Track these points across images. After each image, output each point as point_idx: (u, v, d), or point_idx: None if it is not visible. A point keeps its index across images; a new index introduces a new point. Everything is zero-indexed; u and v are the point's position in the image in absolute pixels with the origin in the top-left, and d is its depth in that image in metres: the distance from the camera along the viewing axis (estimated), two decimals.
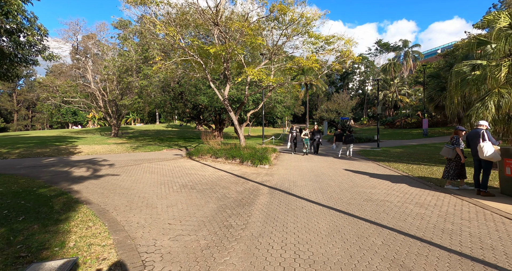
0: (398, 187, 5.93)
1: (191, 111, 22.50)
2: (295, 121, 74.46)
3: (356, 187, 6.03)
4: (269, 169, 8.93)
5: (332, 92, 64.23)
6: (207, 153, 11.38)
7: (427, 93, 14.62)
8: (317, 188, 5.97)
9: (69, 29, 19.98)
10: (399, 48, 46.02)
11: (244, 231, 3.45)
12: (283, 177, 7.43)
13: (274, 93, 20.82)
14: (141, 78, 17.39)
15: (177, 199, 5.05)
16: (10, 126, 63.58)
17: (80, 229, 3.36)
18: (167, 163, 10.23)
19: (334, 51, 10.00)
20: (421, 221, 3.76)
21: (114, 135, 26.61)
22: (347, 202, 4.80)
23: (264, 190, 5.83)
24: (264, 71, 10.16)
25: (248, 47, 14.32)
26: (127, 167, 9.32)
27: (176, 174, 7.88)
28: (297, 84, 11.65)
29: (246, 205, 4.68)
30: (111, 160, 11.14)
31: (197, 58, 10.52)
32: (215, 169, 8.91)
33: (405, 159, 10.73)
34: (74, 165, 9.79)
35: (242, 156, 10.05)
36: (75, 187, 6.03)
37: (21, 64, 10.85)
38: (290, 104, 27.80)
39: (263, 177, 7.35)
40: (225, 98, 11.14)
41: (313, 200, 4.97)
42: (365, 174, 7.76)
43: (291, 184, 6.42)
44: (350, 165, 9.51)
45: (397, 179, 6.86)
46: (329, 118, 38.03)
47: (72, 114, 58.83)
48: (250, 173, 8.03)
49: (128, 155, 13.30)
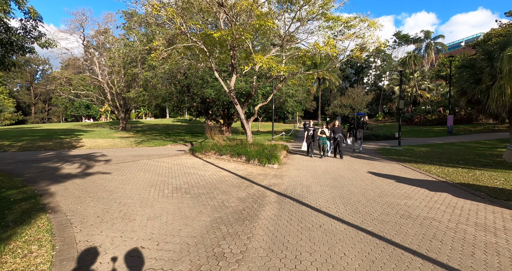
0: (440, 198, 4.74)
1: (199, 105, 21.67)
2: (306, 117, 72.60)
3: (385, 195, 4.89)
4: (278, 169, 7.89)
5: (346, 87, 61.82)
6: (211, 150, 10.47)
7: (459, 86, 12.96)
8: (336, 196, 4.88)
9: (76, 20, 19.52)
10: (420, 40, 43.09)
11: (239, 266, 2.45)
12: (294, 179, 6.37)
13: (285, 86, 19.58)
14: (146, 70, 16.63)
15: (163, 208, 4.12)
16: (28, 119, 65.62)
17: (14, 257, 2.47)
18: (167, 160, 9.39)
19: (355, 36, 8.68)
20: (498, 258, 2.62)
21: (122, 129, 26.32)
22: (379, 219, 3.69)
23: (271, 197, 4.80)
24: (274, 59, 9.02)
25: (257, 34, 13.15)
26: (123, 163, 8.56)
27: (173, 173, 6.99)
28: (311, 74, 10.39)
29: (247, 219, 3.68)
30: (110, 155, 10.45)
31: (200, 45, 9.50)
32: (218, 167, 7.97)
33: (435, 160, 9.36)
34: (69, 160, 9.14)
35: (248, 154, 9.06)
36: (53, 188, 5.24)
37: (17, 53, 10.26)
38: (302, 99, 26.45)
39: (271, 180, 6.33)
40: (231, 90, 10.11)
41: (333, 214, 3.90)
42: (391, 177, 6.57)
43: (304, 190, 5.36)
44: (371, 166, 8.30)
45: (434, 186, 5.64)
46: (343, 114, 36.28)
47: (85, 108, 59.86)
48: (256, 174, 7.02)
49: (130, 150, 12.63)
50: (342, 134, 10.17)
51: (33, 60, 65.85)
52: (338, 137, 10.07)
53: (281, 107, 24.54)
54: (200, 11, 9.82)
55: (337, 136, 10.07)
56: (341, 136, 10.10)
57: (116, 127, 29.30)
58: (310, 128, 10.60)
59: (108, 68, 19.95)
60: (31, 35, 9.85)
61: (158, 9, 7.54)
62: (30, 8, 8.53)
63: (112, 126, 31.94)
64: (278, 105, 23.87)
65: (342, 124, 41.92)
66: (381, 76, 60.61)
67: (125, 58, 16.69)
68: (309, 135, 10.56)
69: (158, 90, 16.83)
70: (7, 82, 63.31)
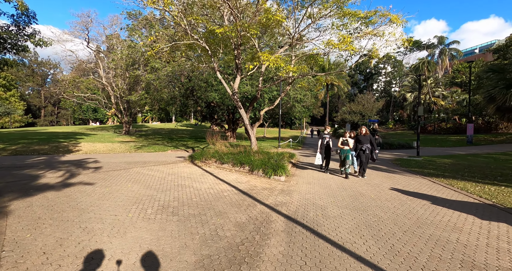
0: (501, 232, 3.63)
1: (203, 109, 20.93)
2: (313, 124, 71.35)
3: (425, 225, 3.82)
4: (285, 182, 6.88)
5: (355, 93, 60.57)
6: (211, 157, 9.54)
7: (486, 92, 11.79)
8: (361, 224, 3.83)
9: (81, 22, 19.31)
10: (433, 46, 41.70)
11: None
12: (305, 197, 5.35)
13: (293, 90, 18.67)
14: (148, 72, 16.02)
15: (138, 239, 3.17)
16: (38, 122, 66.58)
17: None
18: (163, 168, 8.50)
19: (374, 33, 7.71)
20: None
21: (125, 133, 25.82)
22: (431, 269, 2.63)
23: (278, 223, 3.80)
24: (283, 59, 8.13)
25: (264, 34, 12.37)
26: (113, 171, 7.71)
27: (165, 186, 6.07)
28: (322, 76, 9.44)
29: (245, 260, 2.69)
30: (102, 162, 9.66)
31: (202, 43, 8.72)
32: (217, 179, 7.01)
33: (466, 174, 8.16)
34: (56, 167, 8.36)
35: (252, 163, 8.08)
36: (15, 204, 4.38)
37: (10, 51, 9.70)
38: (310, 104, 25.44)
39: (278, 196, 5.32)
40: (234, 92, 9.24)
41: (363, 256, 2.86)
42: (422, 197, 5.46)
43: (319, 213, 4.33)
44: (393, 181, 7.18)
45: (482, 211, 4.52)
46: (352, 120, 35.00)
47: (93, 111, 60.38)
48: (260, 188, 6.03)
49: (127, 156, 11.84)
50: (372, 144, 7.72)
51: (45, 64, 67.32)
52: (366, 148, 7.53)
53: (288, 113, 23.60)
54: (203, 7, 9.08)
55: (364, 147, 7.53)
56: (369, 147, 7.59)
57: (120, 131, 28.88)
58: (325, 136, 8.41)
59: (111, 70, 19.52)
60: (24, 32, 9.29)
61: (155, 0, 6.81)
62: (18, 1, 7.94)
63: (117, 130, 31.56)
64: (285, 110, 22.94)
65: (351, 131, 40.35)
66: (391, 83, 59.16)
67: (127, 60, 16.18)
68: (323, 144, 8.27)
69: (160, 93, 16.15)
70: (19, 85, 64.81)
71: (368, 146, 7.62)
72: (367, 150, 7.62)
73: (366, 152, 7.60)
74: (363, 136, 7.80)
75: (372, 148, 7.68)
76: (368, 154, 7.63)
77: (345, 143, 7.60)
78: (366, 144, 7.66)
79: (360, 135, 7.86)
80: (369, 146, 7.63)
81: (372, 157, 7.86)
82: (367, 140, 7.72)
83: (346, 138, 7.61)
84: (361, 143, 7.70)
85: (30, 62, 66.99)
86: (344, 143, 7.61)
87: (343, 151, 7.60)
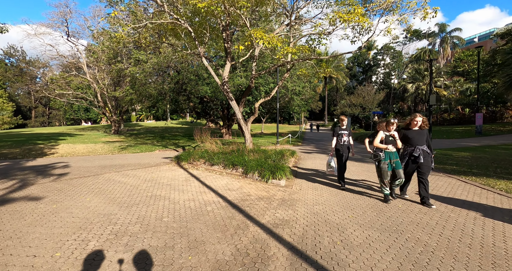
0: None
1: (196, 105, 19.48)
2: (312, 118, 70.13)
3: (498, 257, 2.56)
4: (286, 187, 5.60)
5: (353, 86, 59.26)
6: (200, 158, 8.24)
7: (506, 76, 10.53)
8: (403, 258, 2.57)
9: (58, 13, 17.67)
10: (433, 34, 40.30)
11: None
12: (314, 210, 4.08)
13: (291, 82, 17.30)
14: (132, 65, 14.56)
15: None
16: (29, 123, 64.62)
17: None
18: (140, 173, 7.19)
19: (390, 3, 6.36)
20: None
21: (114, 132, 24.39)
22: None
23: (279, 262, 2.53)
24: (279, 39, 6.77)
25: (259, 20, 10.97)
26: (78, 179, 6.38)
27: (134, 198, 4.77)
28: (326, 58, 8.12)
29: None
30: (73, 166, 8.32)
31: (183, 23, 7.33)
32: (203, 185, 5.72)
33: (499, 170, 6.93)
34: (12, 174, 7.02)
35: (246, 164, 6.80)
36: None
37: None
38: (309, 97, 24.09)
39: (277, 210, 4.04)
40: (224, 82, 7.89)
41: None
42: (464, 205, 4.22)
43: (337, 237, 3.06)
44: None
45: None
46: (353, 113, 33.78)
47: (85, 111, 58.60)
48: (255, 198, 4.75)
49: (106, 158, 10.50)
50: (428, 146, 4.30)
51: (33, 63, 64.97)
52: (420, 152, 4.20)
53: (286, 107, 22.28)
54: None
55: (418, 152, 4.20)
56: (424, 150, 4.25)
57: (110, 131, 27.40)
58: (343, 132, 5.43)
59: (93, 65, 17.99)
60: None
61: None
62: None
63: (108, 130, 30.08)
64: (283, 105, 21.62)
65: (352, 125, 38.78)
66: (390, 74, 57.85)
67: (109, 52, 14.71)
68: (342, 145, 5.42)
69: (146, 88, 14.71)
70: (7, 86, 62.56)
71: (424, 149, 4.23)
72: (423, 156, 4.18)
73: (421, 159, 4.16)
74: (415, 131, 4.31)
75: (426, 151, 4.26)
76: (428, 162, 4.21)
77: (391, 140, 4.41)
78: (421, 145, 4.24)
79: (409, 130, 4.37)
80: (426, 149, 4.25)
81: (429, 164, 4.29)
82: (422, 138, 4.26)
83: (392, 132, 4.42)
84: (411, 144, 4.32)
85: (18, 62, 64.70)
86: (389, 140, 4.41)
87: (387, 156, 4.37)
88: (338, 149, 5.48)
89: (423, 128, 4.34)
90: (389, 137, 4.44)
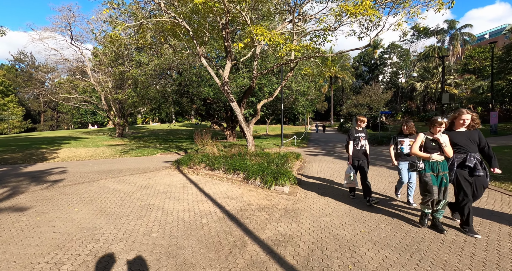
0: None
1: (200, 107, 19.22)
2: (317, 119, 69.29)
3: None
4: (290, 194, 5.17)
5: (359, 86, 58.29)
6: (200, 162, 7.87)
7: None
8: None
9: (62, 17, 17.74)
10: (442, 31, 39.15)
11: None
12: (320, 222, 3.63)
13: (295, 82, 16.85)
14: (134, 67, 14.38)
15: None
16: (38, 127, 65.89)
17: None
18: (137, 179, 6.86)
19: None
20: None
21: (118, 135, 24.38)
22: None
23: None
24: (281, 37, 6.36)
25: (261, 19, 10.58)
26: (71, 186, 6.09)
27: (125, 208, 4.42)
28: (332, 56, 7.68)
29: None
30: (70, 172, 8.08)
31: (181, 21, 7.01)
32: (201, 193, 5.33)
33: None
34: (6, 180, 6.79)
35: (247, 169, 6.39)
36: None
37: None
38: (314, 98, 23.58)
39: (280, 223, 3.61)
40: (224, 82, 7.52)
41: None
42: (490, 215, 3.70)
43: (348, 259, 2.62)
44: None
45: None
46: (360, 113, 33.00)
47: (91, 114, 59.38)
48: (255, 207, 4.33)
49: (106, 162, 10.26)
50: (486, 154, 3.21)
51: (42, 68, 66.32)
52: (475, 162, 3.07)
53: (291, 108, 21.82)
54: None
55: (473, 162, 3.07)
56: (479, 158, 3.12)
57: (114, 134, 27.43)
58: (360, 135, 4.56)
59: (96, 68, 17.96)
60: None
61: None
62: None
63: (112, 133, 30.16)
64: (287, 105, 21.17)
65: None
66: (398, 73, 56.67)
67: (110, 54, 14.59)
68: (357, 151, 4.58)
69: (148, 90, 14.50)
70: (18, 90, 63.99)
71: (478, 158, 3.14)
72: (477, 165, 3.07)
73: (480, 172, 3.04)
74: (463, 133, 3.22)
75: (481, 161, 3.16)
76: (484, 178, 3.12)
77: (434, 146, 3.21)
78: (474, 152, 3.14)
79: (453, 131, 3.28)
80: (478, 157, 3.14)
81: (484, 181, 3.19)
82: (473, 142, 3.17)
83: (436, 136, 3.14)
84: (459, 151, 3.20)
85: (27, 67, 66.21)
86: (432, 146, 3.22)
87: (428, 167, 3.20)
88: (358, 155, 4.58)
89: (473, 129, 3.21)
90: (432, 142, 3.19)
